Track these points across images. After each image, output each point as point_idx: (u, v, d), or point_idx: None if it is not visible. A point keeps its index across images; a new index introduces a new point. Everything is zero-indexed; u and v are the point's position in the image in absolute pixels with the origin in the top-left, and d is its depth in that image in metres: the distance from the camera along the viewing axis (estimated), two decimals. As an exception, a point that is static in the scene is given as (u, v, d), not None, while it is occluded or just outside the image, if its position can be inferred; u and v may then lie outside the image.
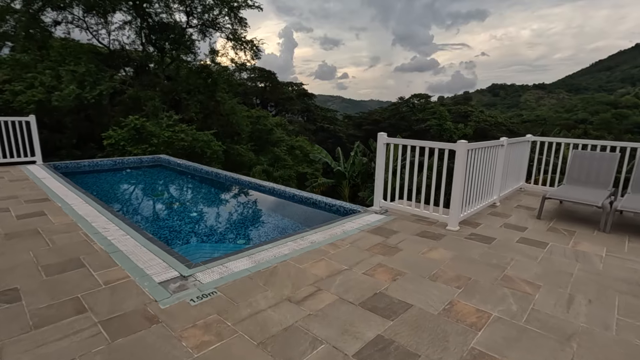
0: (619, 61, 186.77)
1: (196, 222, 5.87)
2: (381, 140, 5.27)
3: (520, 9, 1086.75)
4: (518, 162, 6.79)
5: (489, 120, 54.81)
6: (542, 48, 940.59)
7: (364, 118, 68.79)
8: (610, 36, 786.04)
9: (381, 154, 5.31)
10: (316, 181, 20.92)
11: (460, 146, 4.48)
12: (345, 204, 5.86)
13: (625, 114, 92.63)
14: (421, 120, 60.11)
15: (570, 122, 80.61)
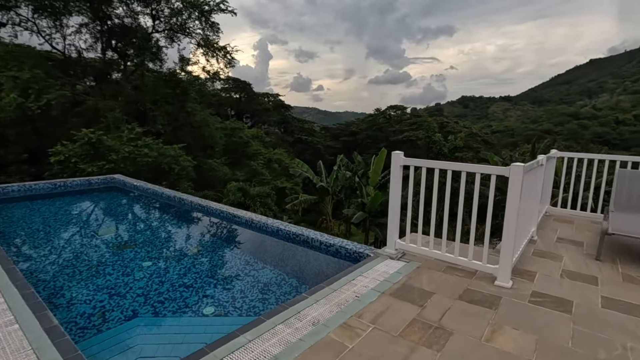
0: (576, 75, 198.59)
1: (149, 278, 4.30)
2: (397, 161, 3.96)
3: (486, 26, 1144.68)
4: (547, 182, 5.68)
5: (465, 131, 55.64)
6: (507, 62, 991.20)
7: (342, 129, 68.20)
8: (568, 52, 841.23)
9: (396, 180, 4.01)
10: (297, 197, 19.46)
11: (516, 170, 3.24)
12: (348, 243, 4.48)
13: (586, 125, 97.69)
14: (398, 131, 60.29)
15: (536, 132, 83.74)
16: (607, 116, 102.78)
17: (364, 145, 61.42)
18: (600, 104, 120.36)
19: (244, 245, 5.56)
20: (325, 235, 4.75)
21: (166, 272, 4.48)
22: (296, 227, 5.15)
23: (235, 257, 5.13)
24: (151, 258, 4.90)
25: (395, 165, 4.00)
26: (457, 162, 3.70)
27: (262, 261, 4.85)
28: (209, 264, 4.81)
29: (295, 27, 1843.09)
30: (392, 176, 4.06)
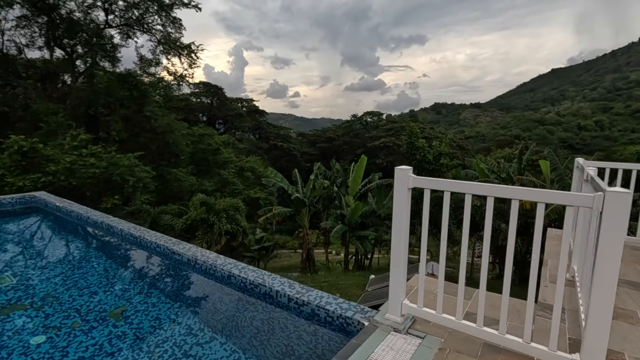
0: (539, 84, 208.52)
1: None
2: (403, 181, 2.57)
3: (455, 36, 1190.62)
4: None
5: (440, 137, 55.91)
6: (475, 71, 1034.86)
7: (318, 136, 67.26)
8: (531, 62, 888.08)
9: (402, 209, 2.62)
10: (270, 210, 17.84)
11: (619, 199, 1.91)
12: (329, 301, 3.03)
13: (552, 130, 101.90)
14: (375, 137, 59.98)
15: (507, 137, 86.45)
16: (570, 122, 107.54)
17: (341, 152, 60.66)
18: (563, 111, 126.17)
19: (185, 299, 3.97)
20: (297, 287, 3.27)
21: (64, 355, 2.84)
22: (256, 272, 3.63)
23: (172, 319, 3.54)
24: (48, 328, 3.24)
25: (401, 187, 2.61)
26: (503, 186, 2.36)
27: (208, 327, 3.30)
28: (132, 334, 3.21)
29: (270, 34, 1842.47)
30: (396, 203, 2.66)
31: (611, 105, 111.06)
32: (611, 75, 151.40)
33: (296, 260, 23.62)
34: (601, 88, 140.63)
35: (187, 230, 13.33)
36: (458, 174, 15.32)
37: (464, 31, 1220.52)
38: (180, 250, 4.28)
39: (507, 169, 16.29)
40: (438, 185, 2.53)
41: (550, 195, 2.13)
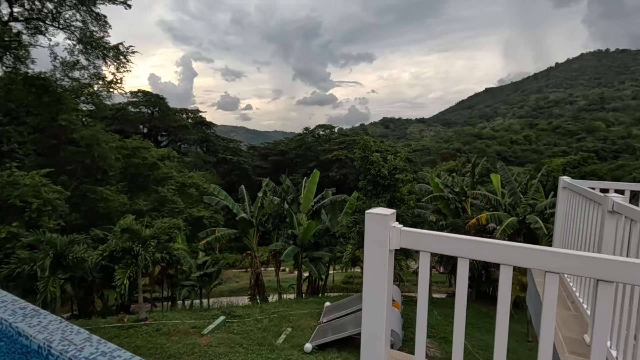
0: (476, 101, 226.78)
1: None
2: (380, 235, 1.41)
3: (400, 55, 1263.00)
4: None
5: (390, 150, 57.15)
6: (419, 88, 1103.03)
7: (270, 149, 65.47)
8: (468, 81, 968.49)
9: (380, 284, 1.44)
10: (213, 232, 15.97)
11: None
12: None
13: (489, 144, 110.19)
14: (328, 150, 59.72)
15: (450, 150, 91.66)
16: (504, 136, 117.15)
17: (294, 165, 59.44)
18: (497, 126, 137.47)
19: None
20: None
21: None
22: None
23: None
24: None
25: (377, 247, 1.44)
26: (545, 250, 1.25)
27: None
28: None
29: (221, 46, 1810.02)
30: (368, 274, 1.48)
31: (536, 122, 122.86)
32: (535, 95, 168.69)
33: (247, 281, 21.71)
34: (527, 106, 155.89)
35: (104, 266, 11.19)
36: (413, 188, 14.92)
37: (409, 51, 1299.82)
38: (29, 330, 2.72)
39: (461, 183, 16.23)
40: (447, 247, 1.38)
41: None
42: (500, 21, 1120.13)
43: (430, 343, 10.16)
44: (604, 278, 1.10)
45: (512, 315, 12.30)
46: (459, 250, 1.32)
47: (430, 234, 1.38)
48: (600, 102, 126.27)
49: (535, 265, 1.20)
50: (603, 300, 1.16)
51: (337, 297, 16.48)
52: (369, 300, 1.46)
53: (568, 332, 2.99)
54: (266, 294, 17.11)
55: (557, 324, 3.15)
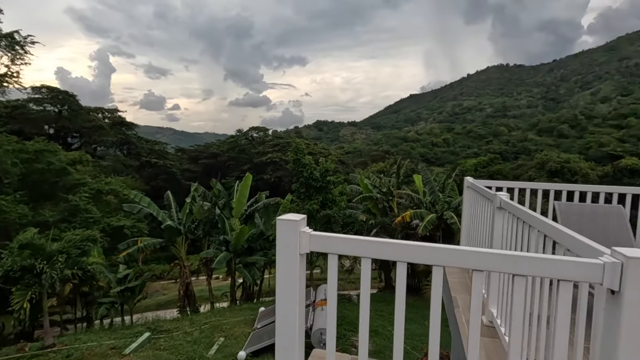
0: (401, 106, 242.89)
1: None
2: (291, 239, 1.47)
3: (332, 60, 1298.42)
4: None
5: (324, 152, 58.43)
6: (351, 93, 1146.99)
7: (201, 151, 62.33)
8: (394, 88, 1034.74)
9: (291, 288, 1.50)
10: (135, 242, 14.71)
11: None
12: None
13: (414, 147, 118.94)
14: (262, 152, 58.90)
15: (379, 152, 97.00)
16: (426, 140, 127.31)
17: (226, 168, 57.39)
18: (420, 130, 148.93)
19: None
20: None
21: None
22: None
23: None
24: None
25: (288, 251, 1.50)
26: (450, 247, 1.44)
27: None
28: None
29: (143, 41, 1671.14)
30: (280, 278, 1.52)
31: (453, 126, 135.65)
32: (451, 102, 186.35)
33: (176, 292, 20.37)
34: (445, 112, 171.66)
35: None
36: (344, 189, 15.45)
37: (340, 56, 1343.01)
38: None
39: (387, 183, 17.28)
40: (352, 248, 1.47)
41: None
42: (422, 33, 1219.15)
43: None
44: (475, 267, 1.28)
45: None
46: (362, 250, 1.43)
47: (337, 237, 1.46)
48: (503, 109, 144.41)
49: (423, 261, 1.35)
50: (476, 285, 1.35)
51: (273, 301, 16.32)
52: (282, 304, 1.50)
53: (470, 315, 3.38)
54: (197, 304, 16.26)
55: (461, 308, 3.54)
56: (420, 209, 15.15)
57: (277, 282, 1.51)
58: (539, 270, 1.25)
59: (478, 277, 1.32)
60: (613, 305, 1.15)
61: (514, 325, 1.32)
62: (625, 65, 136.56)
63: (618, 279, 1.13)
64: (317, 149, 60.01)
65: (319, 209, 13.84)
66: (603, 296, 1.21)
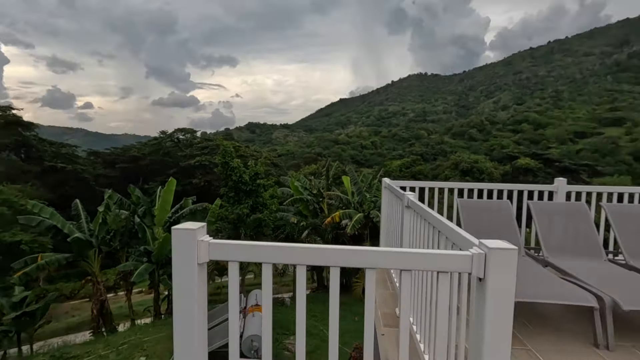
0: (332, 110, 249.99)
1: None
2: (188, 248, 1.39)
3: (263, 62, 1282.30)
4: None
5: (256, 155, 57.44)
6: (283, 95, 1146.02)
7: (118, 154, 56.68)
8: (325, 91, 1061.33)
9: (190, 300, 1.43)
10: (35, 260, 12.82)
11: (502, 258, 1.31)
12: None
13: (344, 149, 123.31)
14: (190, 156, 55.70)
15: (312, 155, 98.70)
16: (356, 142, 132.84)
17: (149, 173, 53.02)
18: (350, 133, 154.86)
19: None
20: None
21: None
22: None
23: None
24: None
25: (185, 262, 1.43)
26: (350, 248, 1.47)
27: None
28: None
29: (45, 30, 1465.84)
30: (176, 290, 1.44)
31: (380, 130, 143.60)
32: (378, 107, 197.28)
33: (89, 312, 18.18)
34: (373, 116, 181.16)
35: None
36: (275, 192, 15.40)
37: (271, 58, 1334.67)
38: None
39: (318, 185, 17.63)
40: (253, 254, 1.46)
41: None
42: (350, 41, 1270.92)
43: (293, 339, 10.66)
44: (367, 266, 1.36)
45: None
46: (263, 256, 1.42)
47: (237, 244, 1.44)
48: (423, 115, 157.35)
49: (321, 262, 1.39)
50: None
51: (203, 311, 15.52)
52: (180, 320, 1.42)
53: (386, 309, 3.59)
54: (115, 323, 14.73)
55: (377, 302, 3.75)
56: (349, 209, 15.75)
57: (174, 295, 1.43)
58: (422, 265, 1.38)
59: (370, 274, 1.40)
60: (480, 290, 1.31)
61: (402, 316, 1.42)
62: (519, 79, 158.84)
63: (483, 267, 1.29)
64: (248, 152, 58.82)
65: (249, 213, 13.55)
66: (474, 284, 1.37)
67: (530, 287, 2.94)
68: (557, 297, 2.81)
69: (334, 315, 1.42)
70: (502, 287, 1.25)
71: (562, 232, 3.92)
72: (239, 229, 13.93)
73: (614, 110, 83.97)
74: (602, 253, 3.77)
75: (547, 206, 4.27)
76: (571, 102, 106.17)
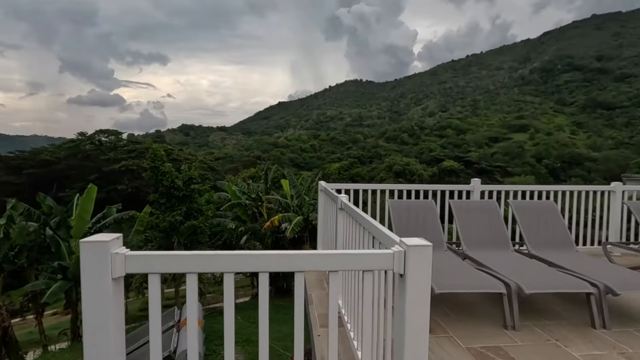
0: (271, 113, 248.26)
1: None
2: (99, 262, 1.27)
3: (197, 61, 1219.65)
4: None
5: (190, 159, 54.66)
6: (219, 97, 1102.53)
7: (26, 158, 49.80)
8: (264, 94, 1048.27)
9: (104, 319, 1.29)
10: None
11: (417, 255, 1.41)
12: None
13: (283, 152, 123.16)
14: (114, 160, 50.93)
15: (251, 158, 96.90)
16: (295, 145, 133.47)
17: (65, 178, 47.39)
18: (289, 136, 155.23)
19: None
20: None
21: None
22: None
23: None
24: None
25: (95, 276, 1.29)
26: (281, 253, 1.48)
27: None
28: None
29: None
30: (86, 311, 1.30)
31: (319, 133, 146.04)
32: (316, 111, 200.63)
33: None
34: (311, 120, 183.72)
35: None
36: (211, 197, 14.74)
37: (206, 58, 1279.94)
38: None
39: (256, 189, 17.31)
40: (177, 265, 1.38)
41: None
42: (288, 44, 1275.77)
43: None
44: (297, 269, 1.37)
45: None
46: (186, 266, 1.35)
47: (156, 254, 1.35)
48: (359, 119, 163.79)
49: (249, 269, 1.37)
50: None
51: (133, 327, 14.28)
52: (92, 343, 1.28)
53: (323, 310, 3.65)
54: (21, 352, 12.82)
55: (314, 304, 3.80)
56: (288, 212, 15.74)
57: (84, 317, 1.29)
58: (347, 265, 1.43)
59: (299, 277, 1.41)
60: (400, 286, 1.39)
61: (331, 315, 1.45)
62: (443, 88, 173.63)
63: (403, 264, 1.37)
64: (182, 155, 55.81)
65: (183, 220, 12.76)
66: (396, 280, 1.45)
67: (451, 279, 3.21)
68: (473, 287, 3.12)
69: (263, 321, 1.41)
70: (420, 281, 1.34)
71: (478, 228, 4.36)
72: (172, 238, 13.09)
73: (520, 118, 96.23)
74: (510, 244, 4.27)
75: (465, 204, 4.72)
76: (486, 110, 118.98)
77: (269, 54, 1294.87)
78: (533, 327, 3.03)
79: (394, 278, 1.49)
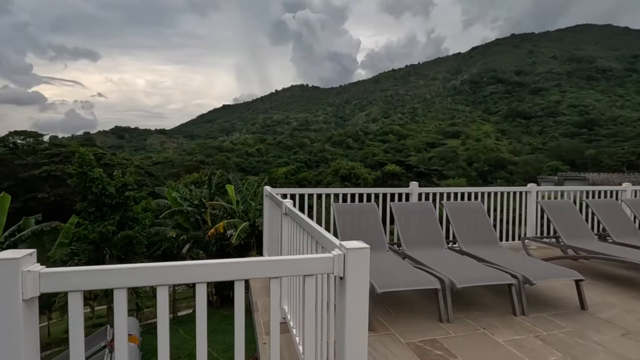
0: (215, 116, 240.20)
1: None
2: (7, 283, 1.12)
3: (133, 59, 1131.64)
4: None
5: (125, 163, 50.72)
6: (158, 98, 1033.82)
7: None
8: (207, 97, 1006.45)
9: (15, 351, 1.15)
10: None
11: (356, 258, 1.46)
12: None
13: (229, 156, 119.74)
14: (33, 164, 45.39)
15: (194, 162, 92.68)
16: (241, 149, 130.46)
17: (-32, 187, 41.14)
18: (235, 140, 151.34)
19: None
20: None
21: None
22: None
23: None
24: None
25: (7, 303, 1.14)
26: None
27: None
28: None
29: None
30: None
31: (265, 137, 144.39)
32: (262, 115, 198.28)
33: None
34: (258, 124, 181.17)
35: None
36: (149, 205, 13.72)
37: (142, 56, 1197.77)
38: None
39: (200, 195, 16.55)
40: (102, 280, 1.28)
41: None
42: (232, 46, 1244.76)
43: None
44: (235, 278, 1.34)
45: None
46: (112, 281, 1.25)
47: (77, 270, 1.23)
48: (306, 124, 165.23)
49: (182, 281, 1.31)
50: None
51: (58, 351, 12.82)
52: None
53: (268, 317, 3.60)
54: None
55: (260, 311, 3.73)
56: (234, 218, 15.28)
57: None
58: (288, 271, 1.43)
59: (239, 285, 1.38)
60: (341, 289, 1.43)
61: (272, 322, 1.44)
62: (385, 95, 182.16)
63: (342, 267, 1.41)
64: (115, 160, 51.63)
65: (116, 230, 11.68)
66: (337, 283, 1.49)
67: (391, 278, 3.36)
68: (411, 284, 3.29)
69: (201, 335, 1.35)
70: (358, 283, 1.39)
71: (416, 228, 4.63)
72: (103, 250, 11.96)
73: (453, 125, 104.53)
74: (444, 243, 4.59)
75: (404, 206, 4.98)
76: (424, 117, 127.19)
77: (212, 54, 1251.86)
78: (465, 319, 3.28)
79: (335, 281, 1.52)
